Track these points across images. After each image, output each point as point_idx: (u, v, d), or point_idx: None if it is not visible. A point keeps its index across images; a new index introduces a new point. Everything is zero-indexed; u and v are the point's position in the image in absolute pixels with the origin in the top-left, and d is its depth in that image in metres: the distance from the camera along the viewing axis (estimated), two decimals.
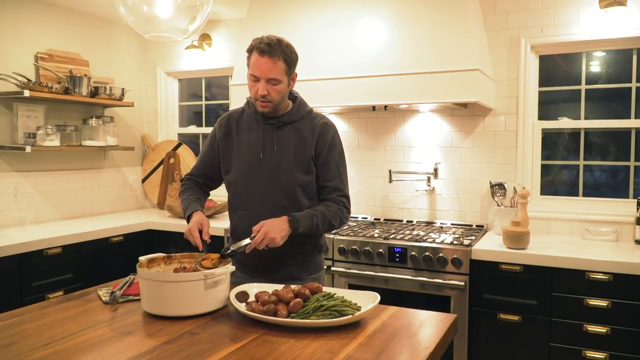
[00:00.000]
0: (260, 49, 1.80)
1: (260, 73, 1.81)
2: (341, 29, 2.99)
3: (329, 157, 1.95)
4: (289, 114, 1.94)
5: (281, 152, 1.92)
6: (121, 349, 1.34)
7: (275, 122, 1.93)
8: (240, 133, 1.98)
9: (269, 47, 1.79)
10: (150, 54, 4.27)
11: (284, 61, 1.82)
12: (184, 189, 2.07)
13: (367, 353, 1.31)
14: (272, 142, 1.92)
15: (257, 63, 1.81)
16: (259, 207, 1.92)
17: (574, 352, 2.45)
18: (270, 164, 1.91)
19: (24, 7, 3.37)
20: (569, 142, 3.15)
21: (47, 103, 3.46)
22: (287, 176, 1.91)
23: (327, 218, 1.88)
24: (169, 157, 4.13)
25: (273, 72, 1.81)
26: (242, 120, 2.00)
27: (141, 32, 1.78)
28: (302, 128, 1.94)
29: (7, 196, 3.27)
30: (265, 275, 1.94)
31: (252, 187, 1.93)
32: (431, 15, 2.79)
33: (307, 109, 2.00)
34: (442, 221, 3.34)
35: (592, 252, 2.55)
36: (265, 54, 1.80)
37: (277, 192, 1.91)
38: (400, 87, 2.80)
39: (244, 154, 1.95)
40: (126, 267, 3.10)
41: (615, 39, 2.90)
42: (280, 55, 1.81)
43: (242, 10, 3.71)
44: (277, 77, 1.82)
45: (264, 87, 1.82)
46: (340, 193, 1.95)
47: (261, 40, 1.82)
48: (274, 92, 1.84)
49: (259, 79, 1.83)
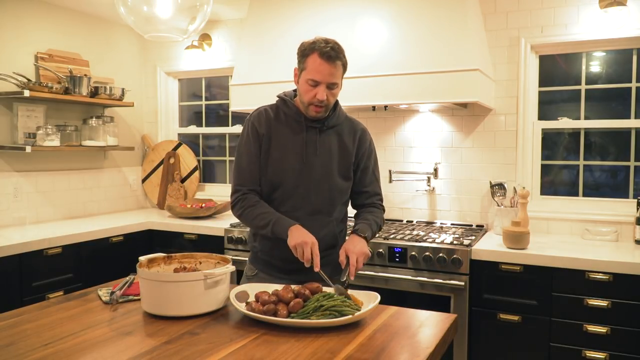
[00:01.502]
0: (326, 53, 1.74)
1: (323, 78, 1.76)
2: (341, 29, 2.99)
3: (367, 163, 1.99)
4: (332, 118, 1.91)
5: (324, 157, 1.89)
6: (121, 349, 1.34)
7: (319, 125, 1.89)
8: (280, 135, 1.89)
9: (334, 52, 1.75)
10: (150, 54, 4.27)
11: (342, 66, 1.81)
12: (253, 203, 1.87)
13: (367, 353, 1.31)
14: (315, 146, 1.89)
15: (320, 67, 1.76)
16: (298, 210, 1.89)
17: (574, 352, 2.45)
18: (312, 169, 1.88)
19: (24, 7, 3.38)
20: (569, 142, 3.15)
21: (47, 103, 3.46)
22: (328, 181, 1.90)
23: (378, 224, 1.99)
24: (169, 157, 4.13)
25: (334, 77, 1.79)
26: (280, 120, 1.91)
27: (141, 32, 1.78)
28: (343, 133, 1.94)
29: (7, 196, 3.27)
30: (294, 276, 1.87)
31: (292, 190, 1.89)
32: (431, 15, 2.79)
33: (344, 112, 1.99)
34: (442, 221, 3.34)
35: (592, 252, 2.55)
36: (330, 59, 1.75)
37: (318, 196, 1.90)
38: (400, 87, 2.80)
39: (286, 156, 1.88)
40: (126, 267, 3.10)
41: (615, 39, 2.90)
42: (342, 60, 1.80)
43: (242, 10, 3.70)
44: (337, 82, 1.81)
45: (323, 92, 1.78)
46: (379, 197, 2.05)
47: (325, 43, 1.76)
48: (331, 97, 1.82)
49: (318, 83, 1.78)
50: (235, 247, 3.17)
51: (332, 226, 1.95)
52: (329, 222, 1.94)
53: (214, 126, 4.24)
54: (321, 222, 1.92)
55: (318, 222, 1.91)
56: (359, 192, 2.02)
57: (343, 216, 2.03)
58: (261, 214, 1.86)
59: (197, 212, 3.60)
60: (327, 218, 1.94)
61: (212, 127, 4.22)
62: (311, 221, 1.87)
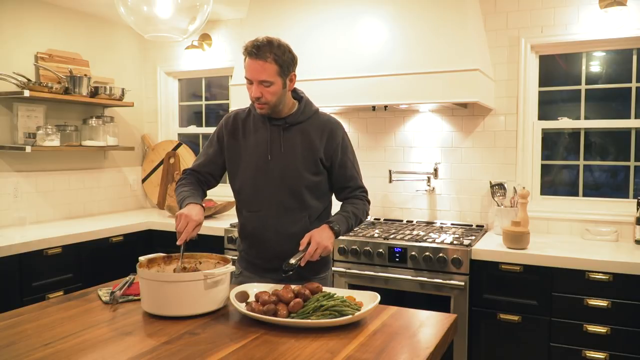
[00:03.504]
0: (248, 51, 1.80)
1: (251, 75, 1.81)
2: (341, 29, 2.99)
3: (344, 159, 1.98)
4: (294, 115, 1.93)
5: (288, 154, 1.91)
6: (121, 349, 1.34)
7: (281, 123, 1.92)
8: (247, 134, 1.96)
9: (257, 50, 1.78)
10: (150, 54, 4.27)
11: (274, 62, 1.80)
12: (184, 182, 2.01)
13: (367, 353, 1.31)
14: (279, 143, 1.92)
15: (247, 66, 1.82)
16: (266, 209, 1.92)
17: (574, 352, 2.45)
18: (277, 166, 1.91)
19: (24, 7, 3.37)
20: (569, 142, 3.15)
21: (47, 103, 3.46)
22: (294, 178, 1.91)
23: (358, 217, 1.97)
24: (169, 157, 4.13)
25: (263, 74, 1.80)
26: (249, 121, 1.98)
27: (141, 32, 1.78)
28: (309, 129, 1.94)
29: (7, 196, 3.27)
30: (274, 274, 1.92)
31: (260, 188, 1.93)
32: (431, 15, 2.79)
33: (314, 108, 1.99)
34: (442, 221, 3.34)
35: (592, 252, 2.55)
36: (253, 57, 1.79)
37: (284, 193, 1.91)
38: (400, 87, 2.80)
39: (251, 156, 1.94)
40: (126, 267, 3.09)
41: (615, 39, 2.90)
42: (269, 56, 1.79)
43: (242, 10, 3.71)
44: (268, 79, 1.80)
45: (257, 89, 1.82)
46: (361, 190, 2.03)
47: (252, 42, 1.81)
48: (267, 94, 1.83)
49: (251, 81, 1.83)
50: (235, 247, 3.17)
51: (304, 222, 1.94)
52: (301, 218, 1.93)
53: (214, 126, 4.22)
54: (292, 218, 1.93)
55: (289, 219, 1.92)
56: (342, 188, 2.01)
57: (322, 211, 2.01)
58: (181, 192, 1.94)
59: None
60: (299, 214, 1.93)
61: (212, 127, 4.22)
62: (282, 217, 1.91)
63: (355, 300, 1.59)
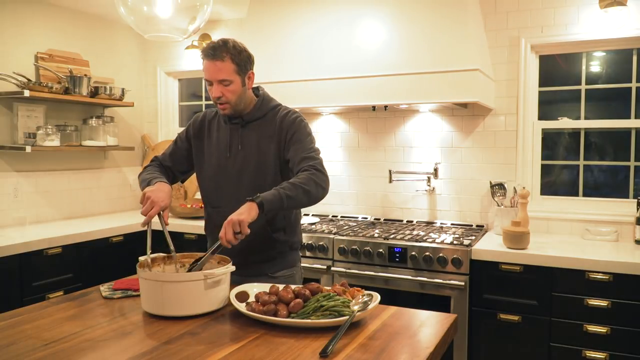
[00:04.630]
0: (205, 53, 1.85)
1: (210, 76, 1.86)
2: (341, 29, 2.99)
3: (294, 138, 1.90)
4: (251, 112, 1.97)
5: (245, 151, 1.95)
6: (121, 349, 1.34)
7: (238, 121, 1.97)
8: (211, 134, 2.03)
9: (212, 51, 1.84)
10: (150, 54, 4.27)
11: (231, 61, 1.85)
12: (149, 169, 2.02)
13: (367, 353, 1.31)
14: (237, 141, 1.97)
15: (205, 67, 1.86)
16: (225, 205, 1.92)
17: (574, 352, 2.45)
18: (236, 163, 1.95)
19: (24, 7, 3.37)
20: (569, 142, 3.15)
21: (47, 103, 3.46)
22: (251, 174, 1.93)
23: (297, 185, 1.73)
24: None
25: (221, 74, 1.84)
26: (214, 122, 2.05)
27: (141, 32, 1.78)
28: (265, 124, 1.95)
29: (7, 196, 3.27)
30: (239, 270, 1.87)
31: (220, 185, 1.98)
32: (431, 15, 2.79)
33: (272, 104, 2.00)
34: (442, 221, 3.34)
35: (592, 252, 2.55)
36: (209, 57, 1.84)
37: (243, 190, 1.92)
38: (400, 87, 2.80)
39: (213, 155, 2.01)
40: (126, 267, 3.10)
41: (615, 39, 2.90)
42: (225, 56, 1.84)
43: (242, 10, 3.71)
44: (226, 78, 1.85)
45: (217, 89, 1.86)
46: (308, 162, 1.83)
47: (208, 44, 1.87)
48: (228, 93, 1.87)
49: (211, 82, 1.87)
50: None
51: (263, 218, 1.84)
52: None
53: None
54: None
55: None
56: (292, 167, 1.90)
57: None
58: (144, 180, 1.95)
59: (197, 212, 3.60)
60: None
61: None
62: None
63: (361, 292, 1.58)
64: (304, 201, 1.76)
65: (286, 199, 1.70)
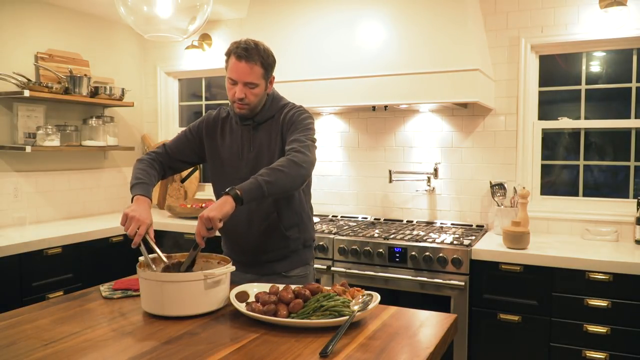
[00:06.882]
0: (237, 53, 1.83)
1: (238, 77, 1.85)
2: (342, 29, 2.99)
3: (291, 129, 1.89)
4: (262, 113, 1.96)
5: (257, 153, 1.95)
6: (121, 349, 1.34)
7: (250, 122, 1.96)
8: (224, 136, 2.02)
9: (246, 52, 1.82)
10: (150, 54, 4.27)
11: (261, 65, 1.85)
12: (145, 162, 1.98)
13: (367, 353, 1.31)
14: (249, 143, 1.96)
15: (234, 67, 1.84)
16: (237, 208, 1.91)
17: (574, 352, 2.45)
18: (248, 166, 1.95)
19: (24, 7, 3.37)
20: (569, 142, 3.15)
21: (47, 103, 3.46)
22: None
23: (275, 169, 1.68)
24: None
25: (250, 77, 1.84)
26: (227, 123, 2.03)
27: (141, 32, 1.78)
28: (274, 124, 1.95)
29: (7, 196, 3.27)
30: (253, 270, 1.97)
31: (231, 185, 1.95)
32: (431, 15, 2.79)
33: (281, 103, 1.99)
34: (442, 221, 3.34)
35: (592, 252, 2.55)
36: (242, 59, 1.83)
37: None
38: (400, 87, 2.80)
39: (226, 156, 2.00)
40: (126, 267, 3.09)
41: (615, 39, 2.90)
42: (257, 60, 1.83)
43: (242, 10, 3.70)
44: (254, 81, 1.85)
45: (241, 90, 1.85)
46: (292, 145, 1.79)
47: (239, 44, 1.85)
48: (251, 96, 1.87)
49: (236, 82, 1.86)
50: None
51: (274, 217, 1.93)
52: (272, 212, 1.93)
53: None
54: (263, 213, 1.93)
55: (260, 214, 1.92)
56: None
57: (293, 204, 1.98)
58: (135, 175, 1.91)
59: (197, 212, 3.59)
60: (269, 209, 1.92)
61: None
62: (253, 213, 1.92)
63: (361, 292, 1.58)
64: (286, 184, 1.70)
65: (265, 185, 1.65)
